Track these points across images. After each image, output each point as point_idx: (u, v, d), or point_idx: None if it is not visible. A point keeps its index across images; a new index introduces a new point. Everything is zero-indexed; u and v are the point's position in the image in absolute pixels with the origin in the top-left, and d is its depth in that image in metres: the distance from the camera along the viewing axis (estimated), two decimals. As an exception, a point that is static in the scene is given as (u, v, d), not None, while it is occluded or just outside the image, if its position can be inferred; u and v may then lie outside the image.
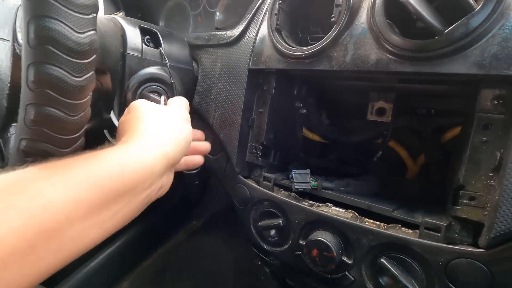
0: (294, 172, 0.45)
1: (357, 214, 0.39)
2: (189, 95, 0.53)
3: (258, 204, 0.46)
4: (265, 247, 0.46)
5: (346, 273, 0.38)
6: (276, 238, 0.44)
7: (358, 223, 0.37)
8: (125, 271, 1.14)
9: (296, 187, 0.43)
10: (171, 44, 0.49)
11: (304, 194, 0.45)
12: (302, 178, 0.44)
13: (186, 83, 0.52)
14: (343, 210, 0.40)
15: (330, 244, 0.37)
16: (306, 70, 0.40)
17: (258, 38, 0.45)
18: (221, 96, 0.49)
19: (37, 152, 0.26)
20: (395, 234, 0.34)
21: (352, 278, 0.38)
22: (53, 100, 0.25)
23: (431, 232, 0.33)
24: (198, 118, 0.53)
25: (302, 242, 0.41)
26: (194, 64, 0.55)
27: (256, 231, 0.47)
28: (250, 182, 0.48)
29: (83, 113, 0.28)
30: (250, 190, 0.47)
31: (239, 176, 0.48)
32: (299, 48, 0.39)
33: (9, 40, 0.31)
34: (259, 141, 0.47)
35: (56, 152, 0.27)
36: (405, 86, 0.48)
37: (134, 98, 0.45)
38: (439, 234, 0.32)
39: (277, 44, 0.41)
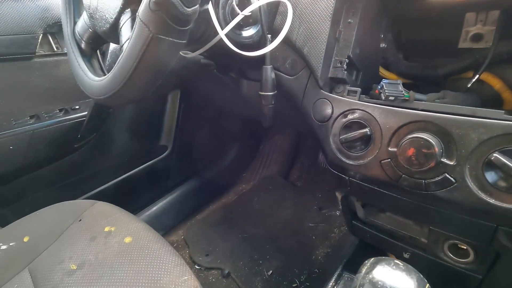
0: (385, 81, 0.43)
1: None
2: (271, 17, 0.53)
3: (341, 117, 0.45)
4: (347, 161, 0.45)
5: (446, 174, 0.35)
6: (360, 150, 0.43)
7: (466, 117, 0.34)
8: (180, 220, 1.21)
9: (387, 94, 0.41)
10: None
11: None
12: (393, 87, 0.42)
13: (270, 4, 0.52)
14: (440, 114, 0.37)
15: (430, 140, 0.35)
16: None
17: None
18: (307, 10, 0.48)
19: (165, 4, 0.29)
20: (516, 123, 0.31)
21: (453, 180, 0.35)
22: None
23: None
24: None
25: (392, 149, 0.39)
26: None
27: (336, 147, 0.46)
28: (333, 95, 0.47)
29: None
30: (334, 102, 0.46)
31: (322, 90, 0.48)
32: None
33: None
34: (345, 54, 0.46)
35: (181, 7, 0.29)
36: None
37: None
38: None
39: None
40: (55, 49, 0.80)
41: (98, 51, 0.58)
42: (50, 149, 0.80)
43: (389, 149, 0.40)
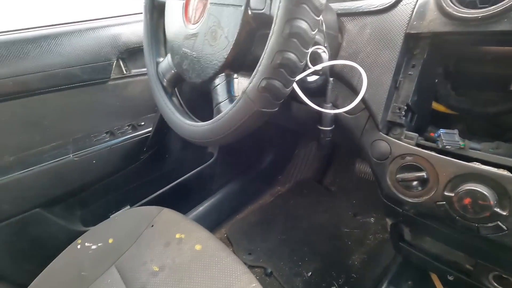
0: (442, 131, 0.48)
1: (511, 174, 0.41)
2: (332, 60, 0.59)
3: (399, 158, 0.51)
4: (402, 197, 0.51)
5: (499, 223, 0.41)
6: (416, 190, 0.49)
7: (520, 176, 0.39)
8: (223, 219, 1.33)
9: (444, 144, 0.47)
10: (325, 10, 0.55)
11: (446, 154, 0.48)
12: (449, 137, 0.47)
13: (332, 48, 0.58)
14: (495, 169, 0.43)
15: (486, 194, 0.40)
16: (477, 32, 0.42)
17: (419, 2, 0.48)
18: (369, 59, 0.54)
19: (271, 88, 0.36)
20: None
21: (505, 228, 0.41)
22: (297, 49, 0.33)
23: None
24: (337, 81, 0.59)
25: (448, 194, 0.45)
26: (336, 32, 0.60)
27: (392, 184, 0.52)
28: (391, 138, 0.53)
29: (304, 61, 0.36)
30: (392, 145, 0.52)
31: (380, 132, 0.54)
32: (473, 10, 0.42)
33: (241, 6, 0.40)
34: (404, 102, 0.52)
35: (283, 89, 0.36)
36: None
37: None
38: None
39: (446, 7, 0.44)
40: (125, 72, 0.90)
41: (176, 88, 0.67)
42: (122, 161, 0.91)
43: (445, 193, 0.45)
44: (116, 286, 0.65)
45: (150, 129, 0.94)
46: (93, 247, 0.78)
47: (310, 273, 1.03)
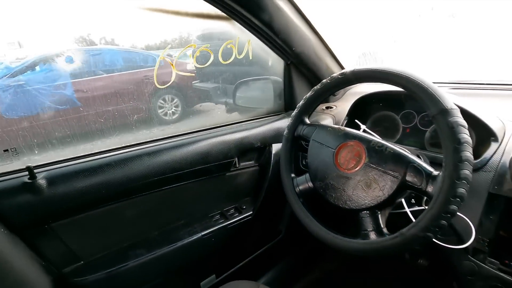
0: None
1: None
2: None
3: None
4: None
5: None
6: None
7: None
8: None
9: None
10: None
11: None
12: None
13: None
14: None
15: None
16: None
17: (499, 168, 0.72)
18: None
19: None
20: None
21: None
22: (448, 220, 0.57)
23: None
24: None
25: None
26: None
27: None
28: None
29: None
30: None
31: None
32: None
33: (398, 177, 0.65)
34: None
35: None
36: None
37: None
38: None
39: None
40: (237, 166, 1.14)
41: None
42: (229, 241, 1.11)
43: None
44: None
45: (251, 213, 1.15)
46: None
47: None
